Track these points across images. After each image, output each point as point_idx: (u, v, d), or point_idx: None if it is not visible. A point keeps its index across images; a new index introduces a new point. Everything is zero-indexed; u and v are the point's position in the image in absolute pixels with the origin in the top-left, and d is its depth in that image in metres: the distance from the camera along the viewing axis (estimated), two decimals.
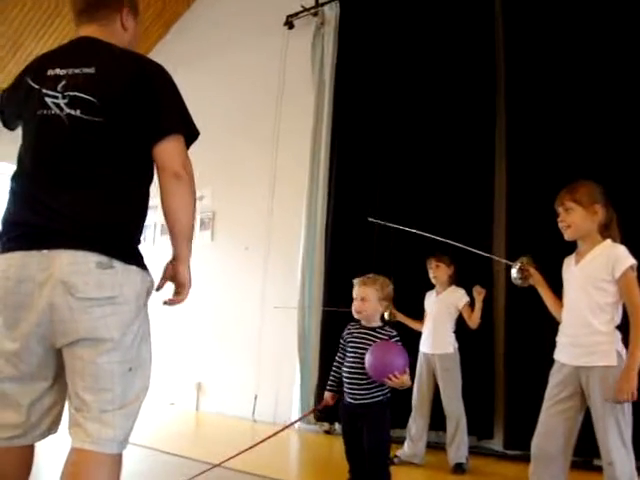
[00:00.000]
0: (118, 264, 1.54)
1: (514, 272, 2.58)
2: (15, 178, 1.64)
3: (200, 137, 1.73)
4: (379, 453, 2.76)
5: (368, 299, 2.82)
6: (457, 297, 3.94)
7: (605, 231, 2.32)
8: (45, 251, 1.50)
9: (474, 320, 3.85)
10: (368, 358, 2.72)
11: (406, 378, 2.66)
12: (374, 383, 2.74)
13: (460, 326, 3.97)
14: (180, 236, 1.65)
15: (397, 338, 2.82)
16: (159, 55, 6.92)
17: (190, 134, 1.68)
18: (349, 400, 2.82)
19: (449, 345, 3.89)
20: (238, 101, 6.35)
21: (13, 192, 1.63)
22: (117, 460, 1.56)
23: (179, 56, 6.62)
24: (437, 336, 3.91)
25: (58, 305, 1.49)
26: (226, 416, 5.63)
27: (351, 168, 5.28)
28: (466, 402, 3.89)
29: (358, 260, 4.97)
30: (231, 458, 3.12)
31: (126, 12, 1.77)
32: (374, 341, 2.78)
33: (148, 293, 1.66)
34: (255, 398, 5.56)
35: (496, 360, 4.47)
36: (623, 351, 2.20)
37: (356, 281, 2.91)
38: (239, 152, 6.20)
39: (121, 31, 1.76)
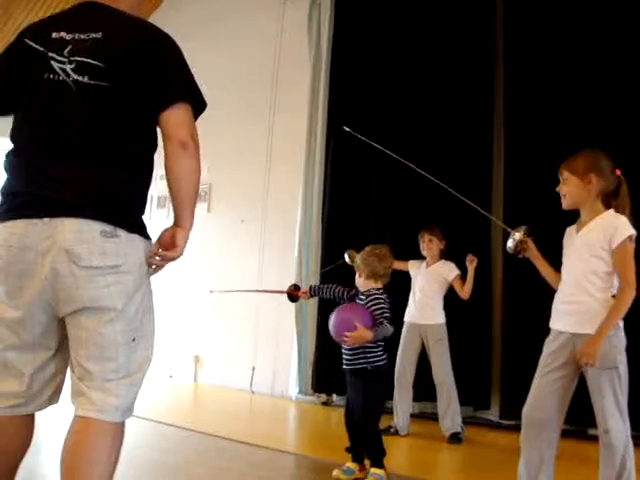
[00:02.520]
0: (122, 233, 1.53)
1: (510, 243, 2.55)
2: (14, 146, 1.61)
3: None
4: (365, 421, 2.82)
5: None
6: (447, 270, 3.94)
7: (613, 200, 2.30)
8: (47, 219, 1.48)
9: (466, 291, 3.86)
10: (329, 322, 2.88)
11: (359, 333, 2.72)
12: (357, 350, 2.82)
13: (456, 297, 3.98)
14: (183, 204, 1.63)
15: (374, 297, 2.87)
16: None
17: (197, 105, 1.65)
18: (343, 366, 2.92)
19: (441, 316, 3.91)
20: (234, 73, 6.27)
21: (12, 161, 1.59)
22: (120, 429, 1.57)
23: (174, 27, 6.47)
24: (427, 307, 3.92)
25: (62, 273, 1.48)
26: (224, 388, 5.68)
27: (348, 139, 5.23)
28: (463, 372, 3.93)
29: (355, 231, 4.97)
30: None
31: None
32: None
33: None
34: (253, 370, 5.60)
35: (493, 331, 4.50)
36: (620, 321, 2.21)
37: None
38: (236, 124, 6.14)
39: (129, 7, 1.72)
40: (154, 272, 1.68)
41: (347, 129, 3.38)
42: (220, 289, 4.61)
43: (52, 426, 3.64)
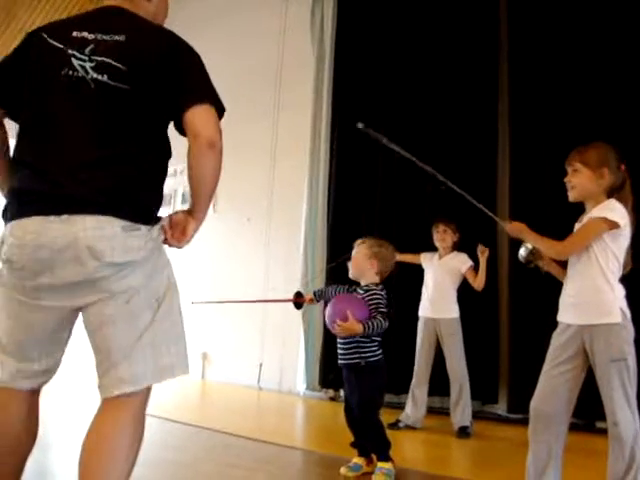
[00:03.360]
0: (142, 227, 1.55)
1: (523, 252, 2.48)
2: (27, 140, 1.59)
3: None
4: (363, 416, 2.82)
5: (356, 257, 2.97)
6: (460, 261, 3.93)
7: (615, 194, 2.28)
8: (65, 216, 1.47)
9: (479, 282, 3.84)
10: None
11: (348, 324, 2.71)
12: (350, 345, 2.80)
13: (463, 290, 3.97)
14: (203, 199, 1.68)
15: (372, 292, 2.85)
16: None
17: (219, 109, 1.65)
18: (338, 361, 2.92)
19: (454, 310, 3.90)
20: (238, 72, 6.26)
21: (25, 156, 1.58)
22: (142, 410, 1.60)
23: (177, 25, 6.46)
24: (441, 301, 3.91)
25: (86, 270, 1.47)
26: (232, 385, 5.69)
27: (353, 135, 5.22)
28: (471, 367, 3.92)
29: (361, 229, 4.96)
30: None
31: (154, 3, 1.78)
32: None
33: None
34: (260, 366, 5.61)
35: (500, 325, 4.50)
36: (626, 308, 2.20)
37: (354, 243, 3.06)
38: (240, 123, 6.12)
39: (145, 2, 1.75)
40: None
41: (360, 126, 3.37)
42: (202, 300, 4.54)
43: (60, 423, 3.66)
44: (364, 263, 2.93)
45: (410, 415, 3.92)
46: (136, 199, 1.56)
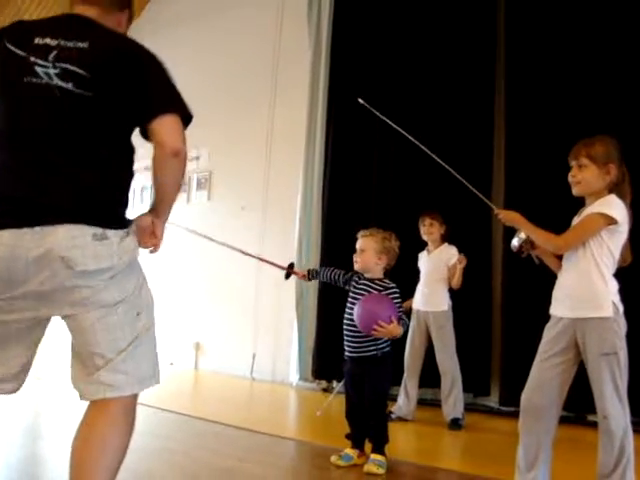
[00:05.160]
0: (111, 233, 1.55)
1: (515, 242, 2.47)
2: None
3: (197, 97, 1.71)
4: (375, 407, 2.82)
5: (365, 250, 2.91)
6: (449, 255, 3.92)
7: (614, 188, 2.27)
8: (38, 228, 1.47)
9: (455, 283, 3.85)
10: (355, 310, 2.80)
11: (392, 327, 2.70)
12: (367, 337, 2.79)
13: None
14: (166, 203, 1.73)
15: (392, 290, 2.86)
16: (151, 14, 6.77)
17: (184, 116, 1.66)
18: (347, 354, 2.90)
19: (443, 303, 3.90)
20: (235, 61, 6.24)
21: None
22: (133, 402, 1.63)
23: (172, 15, 6.48)
24: (431, 294, 3.92)
25: (58, 279, 1.48)
26: (225, 375, 5.70)
27: (348, 126, 5.21)
28: (463, 360, 3.93)
29: (355, 219, 4.95)
30: None
31: (126, 14, 1.83)
32: (370, 293, 2.87)
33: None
34: (253, 357, 5.62)
35: (493, 317, 4.51)
36: (619, 303, 2.20)
37: (359, 234, 3.01)
38: (235, 112, 6.12)
39: (118, 12, 1.78)
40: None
41: (362, 101, 3.38)
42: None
43: (51, 413, 3.66)
44: (373, 258, 2.90)
45: (402, 407, 3.94)
46: (105, 205, 1.57)
